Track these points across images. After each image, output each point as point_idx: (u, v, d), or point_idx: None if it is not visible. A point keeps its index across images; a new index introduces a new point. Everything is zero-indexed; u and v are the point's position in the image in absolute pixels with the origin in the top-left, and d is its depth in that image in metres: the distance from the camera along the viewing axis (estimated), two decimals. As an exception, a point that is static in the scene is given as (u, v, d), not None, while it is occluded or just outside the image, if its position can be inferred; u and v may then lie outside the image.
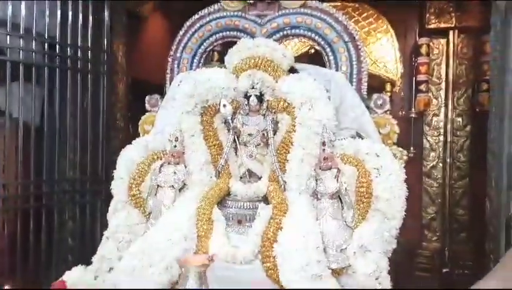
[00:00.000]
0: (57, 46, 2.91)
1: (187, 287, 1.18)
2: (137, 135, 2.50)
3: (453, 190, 3.90)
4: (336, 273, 1.75)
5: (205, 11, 2.45)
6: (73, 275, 1.79)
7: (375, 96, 2.18)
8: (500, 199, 2.32)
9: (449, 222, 3.90)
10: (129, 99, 3.54)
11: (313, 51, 3.22)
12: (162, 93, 2.51)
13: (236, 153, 2.16)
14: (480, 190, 2.73)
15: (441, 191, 3.94)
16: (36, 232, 2.74)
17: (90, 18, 3.07)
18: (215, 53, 3.40)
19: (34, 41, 2.76)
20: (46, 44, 2.86)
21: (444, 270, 3.76)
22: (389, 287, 1.71)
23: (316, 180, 1.92)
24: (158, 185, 2.07)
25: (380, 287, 1.69)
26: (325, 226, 1.83)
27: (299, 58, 2.67)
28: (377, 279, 1.70)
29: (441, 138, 3.94)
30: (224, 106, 2.08)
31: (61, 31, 2.92)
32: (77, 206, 3.02)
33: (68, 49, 2.97)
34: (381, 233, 1.81)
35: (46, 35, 2.84)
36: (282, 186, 2.01)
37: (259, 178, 2.10)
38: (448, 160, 3.91)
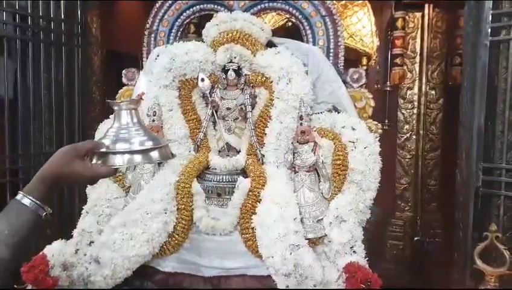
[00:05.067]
0: (29, 18, 2.83)
1: (121, 122, 1.25)
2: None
3: (425, 161, 3.99)
4: (312, 243, 1.82)
5: (182, -17, 2.40)
6: (54, 249, 1.79)
7: (351, 70, 2.20)
8: (469, 170, 2.40)
9: (421, 192, 4.00)
10: (104, 72, 3.48)
11: (290, 24, 3.20)
12: (138, 66, 2.49)
13: (214, 127, 2.18)
14: (451, 161, 2.81)
15: (414, 163, 4.02)
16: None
17: (63, -12, 2.98)
18: (192, 25, 3.35)
19: (4, 13, 2.68)
20: (17, 16, 2.78)
21: (416, 238, 3.89)
22: (363, 255, 1.78)
23: (294, 153, 1.95)
24: (137, 159, 2.07)
25: (354, 256, 1.75)
26: (302, 198, 1.88)
27: (276, 31, 2.66)
28: (351, 248, 1.77)
29: (415, 110, 3.99)
30: (202, 80, 2.08)
31: (33, 2, 2.83)
32: (55, 181, 2.99)
33: (40, 21, 2.89)
34: (356, 204, 1.87)
35: (17, 6, 2.75)
36: (260, 159, 2.05)
37: (238, 152, 2.12)
38: (421, 132, 3.98)
